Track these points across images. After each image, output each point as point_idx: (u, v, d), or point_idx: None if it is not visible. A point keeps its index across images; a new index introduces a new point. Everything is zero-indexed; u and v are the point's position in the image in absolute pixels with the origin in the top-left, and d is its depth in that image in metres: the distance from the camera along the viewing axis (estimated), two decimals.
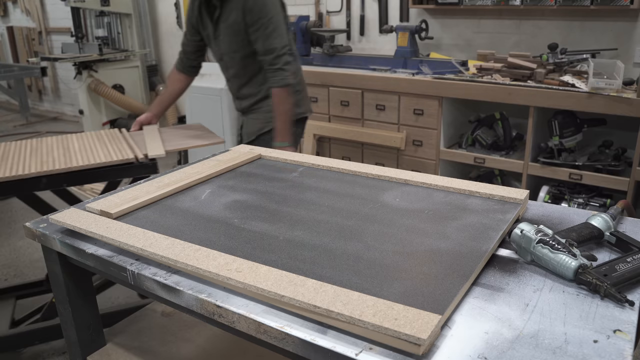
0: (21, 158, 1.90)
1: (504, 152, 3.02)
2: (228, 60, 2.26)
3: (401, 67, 3.30)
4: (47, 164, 1.81)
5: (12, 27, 7.11)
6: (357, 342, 0.79)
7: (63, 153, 1.94)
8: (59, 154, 1.92)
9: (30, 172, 1.73)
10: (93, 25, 5.45)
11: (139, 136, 2.18)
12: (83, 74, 4.78)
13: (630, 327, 0.80)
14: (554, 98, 2.63)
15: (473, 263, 0.96)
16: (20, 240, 3.39)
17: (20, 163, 1.84)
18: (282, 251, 1.03)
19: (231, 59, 2.24)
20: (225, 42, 2.20)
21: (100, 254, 1.09)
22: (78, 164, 1.80)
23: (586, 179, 2.68)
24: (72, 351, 1.34)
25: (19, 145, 2.07)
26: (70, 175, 1.80)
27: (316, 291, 0.85)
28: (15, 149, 2.02)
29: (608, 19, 2.93)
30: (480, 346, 0.77)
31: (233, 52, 2.21)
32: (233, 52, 2.21)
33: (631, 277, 0.90)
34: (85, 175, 1.82)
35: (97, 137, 2.16)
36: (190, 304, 0.94)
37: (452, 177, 1.38)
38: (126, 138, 2.13)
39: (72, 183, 1.83)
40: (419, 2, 3.42)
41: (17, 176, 1.71)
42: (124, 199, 1.28)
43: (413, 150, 3.19)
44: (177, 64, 2.48)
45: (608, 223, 1.07)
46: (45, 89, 7.16)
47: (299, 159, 1.58)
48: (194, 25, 2.34)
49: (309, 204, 1.26)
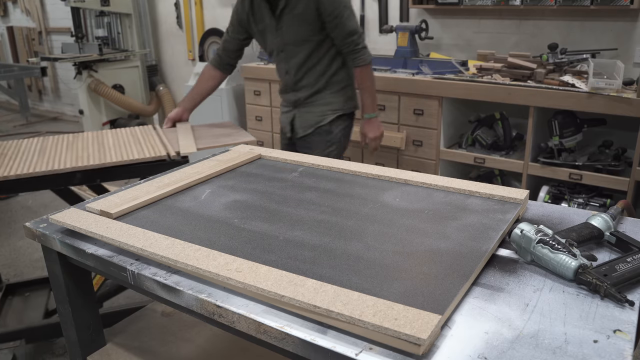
0: (57, 153, 1.94)
1: (504, 152, 3.02)
2: (291, 50, 2.30)
3: (401, 67, 3.30)
4: (82, 159, 1.85)
5: (12, 27, 7.11)
6: (357, 342, 0.79)
7: (98, 149, 1.97)
8: (94, 150, 1.96)
9: (66, 167, 1.77)
10: (93, 25, 5.45)
11: (172, 133, 2.20)
12: (83, 74, 4.78)
13: (630, 327, 0.80)
14: (554, 98, 2.63)
15: (473, 263, 0.96)
16: (20, 240, 3.39)
17: (57, 158, 1.87)
18: (282, 251, 1.03)
19: (295, 48, 2.29)
20: (291, 33, 2.25)
21: (100, 254, 1.09)
22: (112, 160, 1.82)
23: (586, 179, 2.68)
24: (72, 351, 1.34)
25: (56, 140, 2.11)
26: (103, 170, 1.83)
27: (316, 291, 0.85)
28: (53, 144, 2.07)
29: (608, 19, 2.93)
30: (480, 346, 0.77)
31: (300, 42, 2.27)
32: (300, 41, 2.26)
33: (631, 277, 0.90)
34: (118, 171, 1.84)
35: (131, 134, 2.18)
36: (190, 304, 0.94)
37: (452, 177, 1.38)
38: (159, 135, 2.16)
39: (105, 179, 1.85)
40: (419, 2, 3.42)
41: (53, 171, 1.75)
42: (124, 199, 1.28)
43: (413, 150, 3.19)
44: (214, 61, 2.50)
45: (608, 223, 1.07)
46: (45, 89, 7.16)
47: (299, 159, 1.58)
48: (242, 23, 2.40)
49: (309, 204, 1.26)
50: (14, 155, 1.92)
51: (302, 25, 2.22)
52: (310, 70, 2.34)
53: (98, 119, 4.95)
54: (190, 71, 5.08)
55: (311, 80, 2.36)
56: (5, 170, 1.74)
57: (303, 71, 2.35)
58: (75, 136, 2.16)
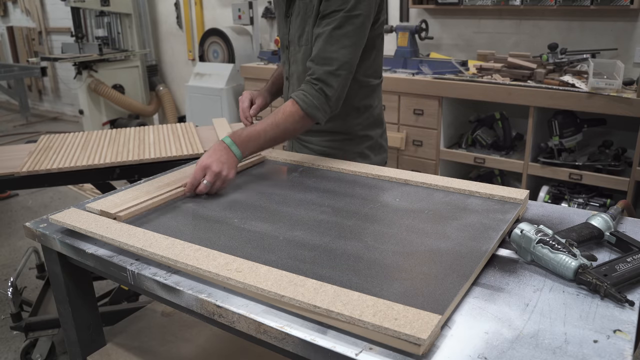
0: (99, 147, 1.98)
1: (504, 152, 3.02)
2: (294, 50, 1.61)
3: (401, 67, 3.30)
4: (121, 154, 1.88)
5: (12, 27, 7.11)
6: (357, 342, 0.79)
7: (138, 145, 2.01)
8: (134, 146, 2.00)
9: (106, 162, 1.81)
10: (93, 25, 5.45)
11: (210, 131, 2.21)
12: (83, 74, 4.79)
13: (630, 327, 0.80)
14: (554, 98, 2.63)
15: (473, 263, 0.96)
16: (20, 240, 3.39)
17: (98, 152, 1.91)
18: (282, 251, 1.03)
19: (297, 48, 1.58)
20: (296, 24, 1.56)
21: (100, 254, 1.09)
22: (150, 157, 1.86)
23: (586, 179, 2.68)
24: (72, 351, 1.34)
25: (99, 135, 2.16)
26: (141, 166, 1.87)
27: (316, 291, 0.85)
28: (96, 138, 2.11)
29: (608, 19, 2.93)
30: (480, 346, 0.77)
31: (302, 40, 1.56)
32: (301, 39, 1.56)
33: (631, 277, 0.90)
34: (156, 167, 1.86)
35: (172, 131, 2.20)
36: (190, 304, 0.94)
37: (452, 177, 1.38)
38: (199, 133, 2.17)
39: (143, 174, 1.87)
40: (419, 2, 3.42)
41: (94, 165, 1.79)
42: (124, 199, 1.28)
43: (413, 150, 3.19)
44: None
45: (608, 223, 1.07)
46: (45, 89, 7.17)
47: (299, 159, 1.58)
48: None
49: (309, 204, 1.26)
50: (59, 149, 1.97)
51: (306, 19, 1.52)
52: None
53: (98, 119, 4.95)
54: (190, 71, 5.08)
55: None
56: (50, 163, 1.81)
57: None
58: (118, 131, 2.20)
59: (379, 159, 1.71)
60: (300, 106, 1.41)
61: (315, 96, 1.41)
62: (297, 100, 1.42)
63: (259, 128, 1.41)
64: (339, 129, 1.62)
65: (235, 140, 1.38)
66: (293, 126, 1.43)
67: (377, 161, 1.69)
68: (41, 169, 1.77)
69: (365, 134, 1.65)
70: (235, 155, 1.37)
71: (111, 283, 2.48)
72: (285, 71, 1.68)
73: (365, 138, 1.65)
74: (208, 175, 1.32)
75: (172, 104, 5.46)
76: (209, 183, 1.32)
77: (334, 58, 1.41)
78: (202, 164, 1.33)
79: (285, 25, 1.62)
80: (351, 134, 1.63)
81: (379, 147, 1.71)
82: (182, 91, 5.41)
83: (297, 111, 1.42)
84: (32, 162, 1.82)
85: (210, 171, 1.32)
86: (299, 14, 1.54)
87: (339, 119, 1.58)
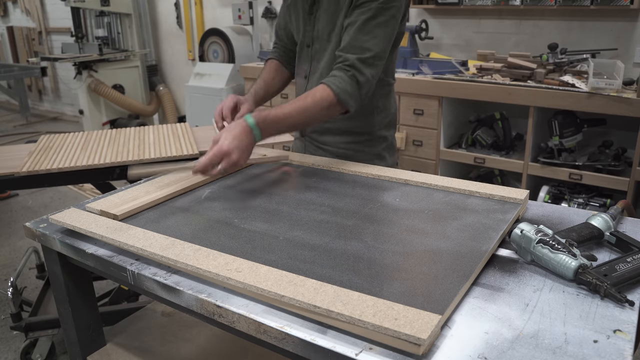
0: (99, 147, 1.97)
1: (504, 152, 3.02)
2: (319, 47, 1.56)
3: (401, 67, 3.30)
4: (121, 154, 1.88)
5: (12, 27, 7.11)
6: (357, 342, 0.79)
7: (138, 145, 2.00)
8: (134, 145, 1.99)
9: (106, 162, 1.81)
10: (93, 25, 5.46)
11: (210, 131, 2.20)
12: (83, 74, 4.79)
13: (630, 327, 0.80)
14: (554, 98, 2.63)
15: (473, 263, 0.96)
16: (20, 240, 3.39)
17: (98, 152, 1.91)
18: (282, 251, 1.03)
19: (323, 45, 1.55)
20: (322, 22, 1.53)
21: (100, 254, 1.09)
22: (149, 157, 1.86)
23: (586, 179, 2.68)
24: (72, 351, 1.34)
25: (99, 135, 2.16)
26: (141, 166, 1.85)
27: (316, 291, 0.85)
28: (96, 138, 2.11)
29: (608, 19, 2.94)
30: (480, 346, 0.77)
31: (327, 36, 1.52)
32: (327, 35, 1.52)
33: (631, 277, 0.90)
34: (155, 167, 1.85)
35: (171, 131, 2.20)
36: (190, 304, 0.94)
37: (452, 177, 1.38)
38: (199, 133, 2.17)
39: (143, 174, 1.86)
40: (419, 2, 3.42)
41: (93, 165, 1.79)
42: (124, 199, 1.28)
43: (413, 150, 3.19)
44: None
45: (608, 223, 1.07)
46: (45, 89, 7.17)
47: (299, 159, 1.58)
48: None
49: (309, 204, 1.26)
50: (59, 149, 1.97)
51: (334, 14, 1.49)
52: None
53: (98, 119, 4.96)
54: (190, 71, 5.08)
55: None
56: (50, 163, 1.80)
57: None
58: (118, 131, 2.20)
59: (392, 160, 1.69)
60: (333, 90, 1.36)
61: (348, 82, 1.37)
62: (330, 84, 1.36)
63: (285, 111, 1.34)
64: (360, 129, 1.59)
65: (259, 123, 1.30)
66: (322, 113, 1.38)
67: (391, 162, 1.67)
68: (41, 169, 1.76)
69: (382, 134, 1.63)
70: (255, 139, 1.31)
71: (111, 283, 2.48)
72: (303, 70, 1.63)
73: (383, 139, 1.64)
74: (225, 162, 1.24)
75: (172, 104, 5.46)
76: (224, 170, 1.25)
77: (366, 47, 1.38)
78: (222, 149, 1.24)
79: (308, 22, 1.56)
80: (371, 134, 1.61)
81: (393, 148, 1.70)
82: (182, 91, 5.41)
83: (328, 96, 1.36)
84: (32, 162, 1.82)
85: (229, 159, 1.24)
86: (327, 9, 1.49)
87: (361, 117, 1.55)
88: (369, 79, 1.40)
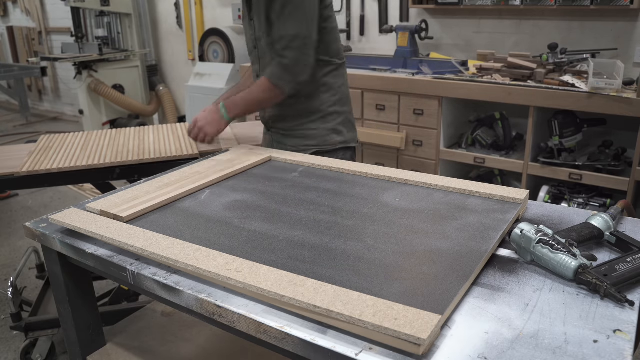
0: (99, 147, 1.98)
1: (504, 152, 3.02)
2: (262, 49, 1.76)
3: (401, 67, 3.30)
4: (121, 154, 1.89)
5: (12, 27, 7.11)
6: (357, 342, 0.79)
7: (138, 145, 2.01)
8: (134, 146, 2.00)
9: (105, 162, 1.82)
10: (93, 25, 5.46)
11: None
12: (83, 74, 4.78)
13: (630, 327, 0.80)
14: (554, 98, 2.63)
15: (473, 263, 0.96)
16: (20, 240, 3.39)
17: (98, 152, 1.92)
18: (282, 251, 1.03)
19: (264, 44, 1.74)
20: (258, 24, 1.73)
21: (100, 254, 1.09)
22: (149, 157, 1.87)
23: (586, 179, 2.68)
24: (72, 351, 1.34)
25: (99, 135, 2.16)
26: (141, 166, 1.88)
27: (316, 291, 0.85)
28: (96, 138, 2.11)
29: (608, 19, 2.93)
30: (480, 346, 0.77)
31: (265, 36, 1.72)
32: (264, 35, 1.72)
33: (631, 277, 0.90)
34: (156, 167, 1.87)
35: (171, 130, 2.20)
36: (190, 304, 0.94)
37: (452, 177, 1.38)
38: None
39: (143, 174, 1.88)
40: (419, 2, 3.42)
41: (94, 165, 1.80)
42: (123, 199, 1.28)
43: (413, 150, 3.19)
44: None
45: (608, 223, 1.07)
46: (45, 89, 7.16)
47: (299, 159, 1.58)
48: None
49: (309, 204, 1.26)
50: (59, 149, 1.98)
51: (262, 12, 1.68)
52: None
53: (98, 119, 4.95)
54: (190, 71, 5.08)
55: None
56: (50, 163, 1.81)
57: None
58: (118, 131, 2.21)
59: (352, 135, 1.86)
60: (267, 77, 1.66)
61: (276, 67, 1.64)
62: (265, 74, 1.68)
63: (243, 96, 1.72)
64: (311, 109, 1.78)
65: (226, 103, 1.74)
66: (264, 95, 1.69)
67: (350, 138, 1.85)
68: (41, 169, 1.77)
69: (335, 110, 1.80)
70: (223, 117, 1.73)
71: (111, 283, 2.48)
72: (255, 70, 1.85)
73: (336, 114, 1.81)
74: (196, 128, 1.74)
75: (172, 104, 5.46)
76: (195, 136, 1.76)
77: (283, 35, 1.61)
78: (194, 119, 1.76)
79: (250, 26, 1.80)
80: (323, 111, 1.79)
81: (350, 124, 1.87)
82: (182, 91, 5.41)
83: (264, 82, 1.67)
84: (32, 162, 1.82)
85: (197, 125, 1.74)
86: (257, 11, 1.71)
87: (309, 97, 1.77)
88: (294, 61, 1.62)
